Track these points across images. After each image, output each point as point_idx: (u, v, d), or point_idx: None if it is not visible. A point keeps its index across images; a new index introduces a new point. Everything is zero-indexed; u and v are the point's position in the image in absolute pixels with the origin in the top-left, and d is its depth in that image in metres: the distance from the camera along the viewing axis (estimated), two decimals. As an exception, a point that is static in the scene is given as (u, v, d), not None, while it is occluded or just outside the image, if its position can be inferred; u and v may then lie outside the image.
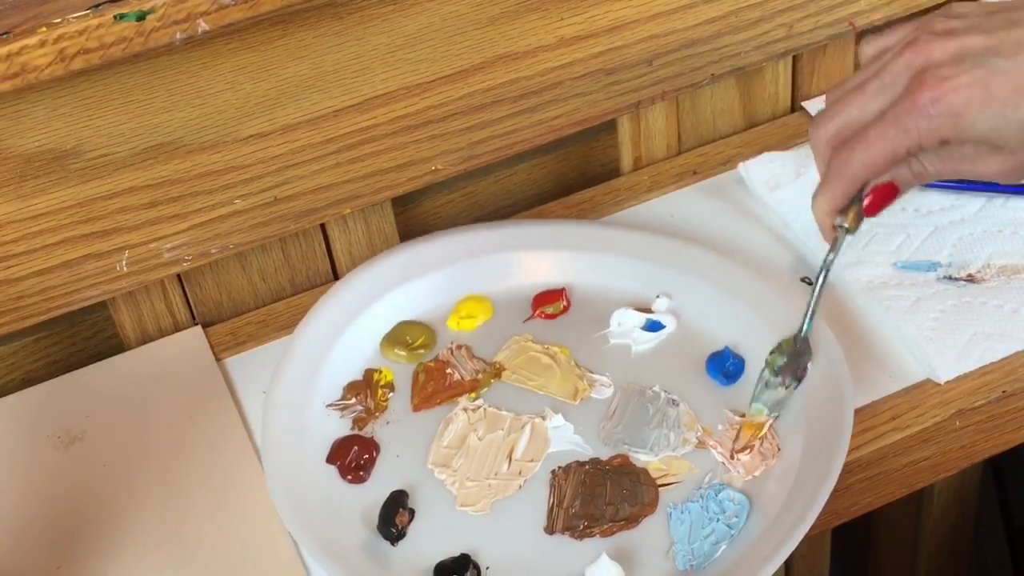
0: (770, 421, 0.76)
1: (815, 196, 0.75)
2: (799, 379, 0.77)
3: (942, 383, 0.78)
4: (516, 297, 0.87)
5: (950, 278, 0.84)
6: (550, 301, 0.86)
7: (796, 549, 0.68)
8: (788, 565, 1.14)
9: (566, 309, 0.86)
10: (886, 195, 0.73)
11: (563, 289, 0.87)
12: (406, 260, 0.88)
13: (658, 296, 0.85)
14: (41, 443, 0.82)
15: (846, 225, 0.75)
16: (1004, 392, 0.77)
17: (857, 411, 0.77)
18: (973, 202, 0.89)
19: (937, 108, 0.67)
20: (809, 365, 0.77)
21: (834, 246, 0.76)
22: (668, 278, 0.86)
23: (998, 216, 0.88)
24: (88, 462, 0.80)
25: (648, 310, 0.85)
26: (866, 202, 0.74)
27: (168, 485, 0.78)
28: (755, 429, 0.76)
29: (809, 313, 0.77)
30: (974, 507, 1.22)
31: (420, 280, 0.87)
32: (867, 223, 0.89)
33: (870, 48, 0.74)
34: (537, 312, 0.86)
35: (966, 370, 0.78)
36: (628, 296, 0.86)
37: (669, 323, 0.84)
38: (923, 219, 0.89)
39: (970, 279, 0.84)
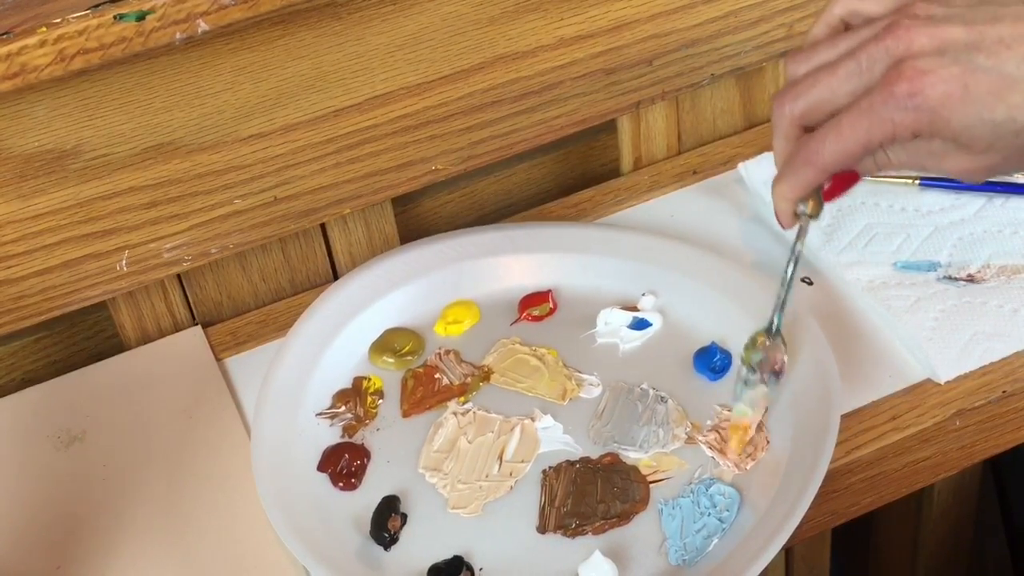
0: (756, 421, 0.75)
1: (777, 182, 0.72)
2: (777, 374, 0.76)
3: (942, 383, 0.78)
4: (503, 300, 0.87)
5: (950, 278, 0.84)
6: (537, 303, 0.86)
7: (796, 549, 0.68)
8: (788, 565, 1.14)
9: (553, 311, 0.86)
10: (847, 182, 0.72)
11: (549, 291, 0.87)
12: (391, 268, 0.88)
13: (644, 294, 0.85)
14: (41, 443, 0.82)
15: (808, 212, 0.73)
16: (1004, 392, 0.77)
17: (857, 411, 0.77)
18: (973, 202, 0.89)
19: (914, 101, 0.65)
20: (785, 359, 0.76)
21: (800, 234, 0.74)
22: (653, 276, 0.86)
23: (998, 216, 0.88)
24: (88, 462, 0.80)
25: (634, 308, 0.85)
26: (826, 187, 0.72)
27: (168, 485, 0.78)
28: (742, 431, 0.75)
29: (779, 306, 0.75)
30: (974, 507, 1.22)
31: (406, 287, 0.87)
32: (864, 221, 0.89)
33: (839, 8, 0.71)
34: (524, 315, 0.86)
35: (966, 370, 0.78)
36: (614, 295, 0.86)
37: (655, 321, 0.84)
38: (923, 219, 0.89)
39: (970, 279, 0.84)
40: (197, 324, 0.91)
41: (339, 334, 0.84)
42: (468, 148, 0.91)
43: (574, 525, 0.73)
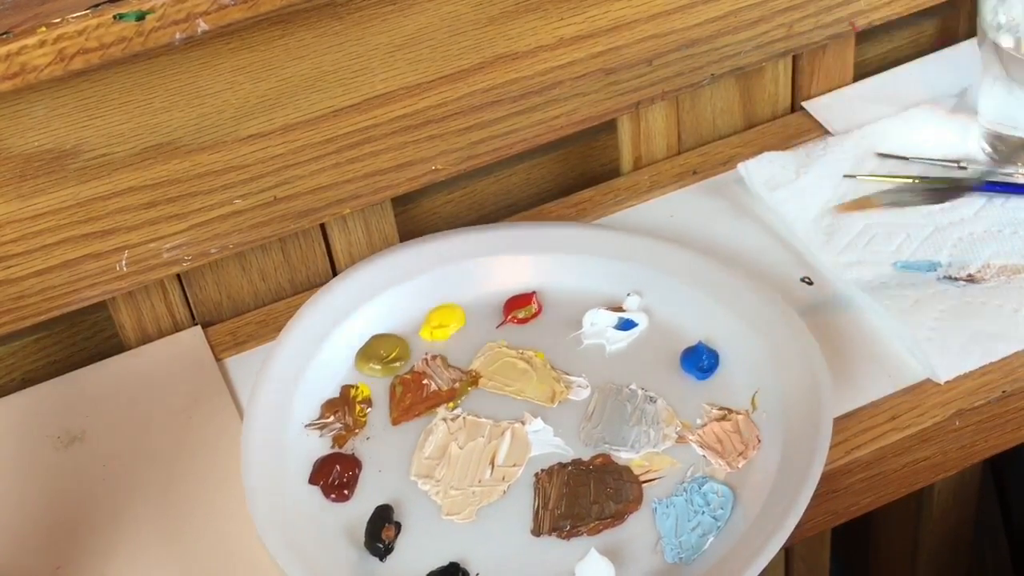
0: (879, 208, 0.72)
1: None
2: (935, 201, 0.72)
3: (942, 383, 0.78)
4: (487, 303, 0.87)
5: (950, 278, 0.84)
6: (521, 305, 0.86)
7: (796, 549, 0.68)
8: (788, 565, 1.14)
9: (538, 313, 0.86)
10: None
11: (533, 293, 0.87)
12: (373, 274, 0.87)
13: (629, 294, 0.85)
14: (41, 443, 0.82)
15: None
16: (1004, 392, 0.77)
17: (857, 411, 0.77)
18: (973, 202, 0.89)
19: None
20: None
21: None
22: (638, 276, 0.86)
23: (998, 216, 0.88)
24: (88, 462, 0.80)
25: (620, 309, 0.85)
26: None
27: (167, 485, 0.78)
28: (860, 205, 0.72)
29: None
30: (974, 507, 1.22)
31: (389, 293, 0.87)
32: (864, 221, 0.89)
33: None
34: (509, 317, 0.86)
35: (966, 370, 0.78)
36: (599, 296, 0.86)
37: (641, 321, 0.84)
38: (923, 219, 0.89)
39: (970, 279, 0.84)
40: (197, 324, 0.91)
41: (324, 342, 0.84)
42: (468, 148, 0.91)
43: (569, 527, 0.73)
